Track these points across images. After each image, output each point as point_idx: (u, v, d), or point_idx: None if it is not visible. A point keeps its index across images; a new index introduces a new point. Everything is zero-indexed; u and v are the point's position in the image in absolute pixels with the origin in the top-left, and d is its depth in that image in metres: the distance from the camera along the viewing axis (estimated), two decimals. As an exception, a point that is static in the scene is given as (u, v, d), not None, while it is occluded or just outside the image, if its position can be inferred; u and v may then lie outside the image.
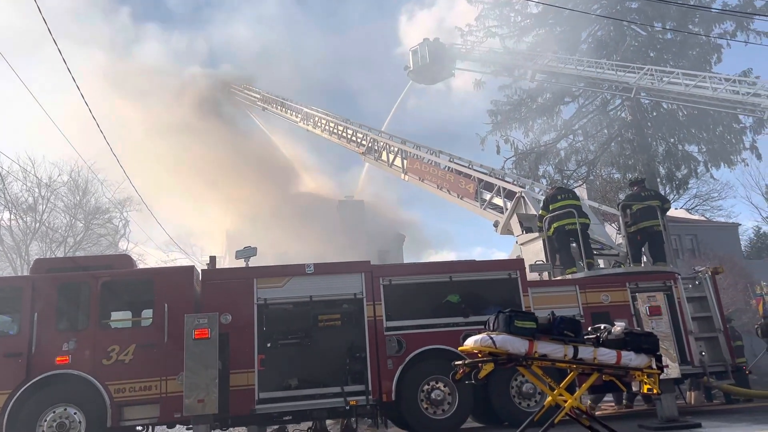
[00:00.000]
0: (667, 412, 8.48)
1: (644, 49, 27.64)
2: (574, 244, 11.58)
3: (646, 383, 6.60)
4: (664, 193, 25.17)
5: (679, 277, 10.86)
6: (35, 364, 8.86)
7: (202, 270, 10.10)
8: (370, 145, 20.82)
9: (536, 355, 6.26)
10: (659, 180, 27.01)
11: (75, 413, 8.77)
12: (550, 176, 29.02)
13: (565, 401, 6.50)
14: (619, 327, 6.66)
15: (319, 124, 24.97)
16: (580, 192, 23.58)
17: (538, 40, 29.84)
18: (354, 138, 22.19)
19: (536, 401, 9.60)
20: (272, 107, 29.28)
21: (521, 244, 13.09)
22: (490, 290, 10.48)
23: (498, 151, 29.97)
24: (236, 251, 10.40)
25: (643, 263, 11.77)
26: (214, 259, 10.52)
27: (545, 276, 11.25)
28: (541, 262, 11.49)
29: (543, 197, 12.87)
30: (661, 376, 6.79)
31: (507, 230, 14.00)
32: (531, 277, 10.83)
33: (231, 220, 32.68)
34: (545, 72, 27.74)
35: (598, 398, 13.15)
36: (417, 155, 18.11)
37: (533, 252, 12.28)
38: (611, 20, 26.45)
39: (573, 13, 26.28)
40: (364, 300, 9.87)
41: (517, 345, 6.17)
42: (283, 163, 32.98)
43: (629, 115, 27.68)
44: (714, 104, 20.75)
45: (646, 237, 11.67)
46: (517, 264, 10.82)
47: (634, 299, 10.06)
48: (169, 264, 27.32)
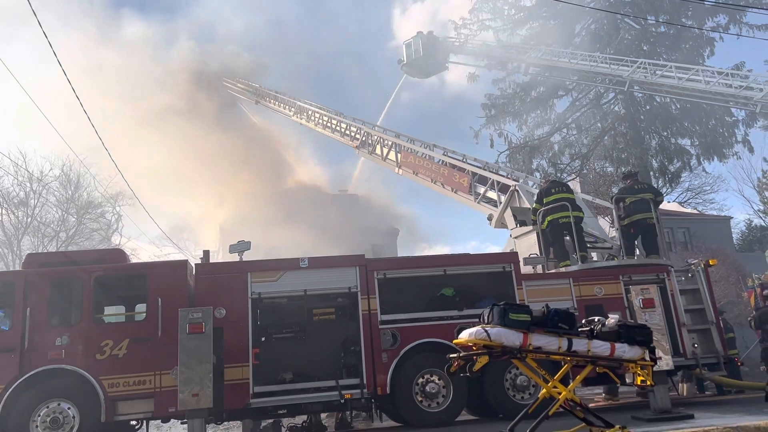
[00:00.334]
0: (660, 404, 8.54)
1: (637, 42, 27.70)
2: (568, 238, 11.60)
3: (639, 375, 6.61)
4: (657, 187, 25.29)
5: (672, 269, 10.90)
6: (28, 360, 8.81)
7: (195, 264, 10.06)
8: (363, 138, 20.77)
9: (531, 348, 6.25)
10: (652, 173, 27.12)
11: (69, 408, 8.73)
12: (543, 170, 29.12)
13: (560, 393, 6.52)
14: (612, 319, 6.67)
15: (312, 117, 24.90)
16: (574, 185, 23.69)
17: (532, 33, 29.87)
18: (348, 132, 22.13)
19: (530, 394, 9.64)
20: (265, 101, 29.18)
21: (515, 238, 13.12)
22: (484, 283, 10.52)
23: (492, 145, 30.07)
24: (230, 245, 10.37)
25: (637, 256, 11.81)
26: (208, 253, 10.49)
27: (539, 269, 11.27)
28: (535, 255, 11.51)
29: (537, 191, 12.89)
30: (654, 368, 6.82)
31: (501, 224, 14.02)
32: (525, 270, 10.85)
33: (224, 215, 32.63)
34: (539, 65, 27.77)
35: (612, 389, 13.19)
36: (411, 149, 18.09)
37: (527, 245, 12.31)
38: (605, 13, 26.48)
39: (567, 6, 26.26)
40: (359, 294, 9.86)
41: (512, 338, 6.16)
42: (276, 157, 32.91)
43: (622, 109, 27.78)
44: (707, 97, 20.83)
45: (640, 230, 11.70)
46: (511, 257, 10.84)
47: (628, 292, 10.09)
48: (162, 258, 27.24)
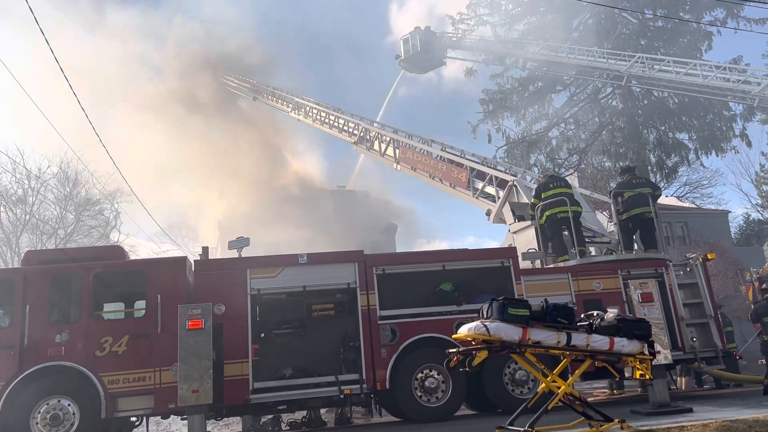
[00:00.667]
0: (659, 398, 8.57)
1: (635, 36, 27.66)
2: (566, 232, 11.62)
3: (638, 369, 6.65)
4: (654, 181, 25.31)
5: (670, 263, 10.93)
6: (28, 356, 8.82)
7: (194, 261, 10.07)
8: (361, 134, 20.74)
9: (530, 342, 6.28)
10: (650, 168, 27.14)
11: (69, 405, 8.74)
12: (541, 165, 29.12)
13: (559, 388, 6.54)
14: (611, 314, 6.70)
15: (310, 113, 24.84)
16: (572, 180, 23.69)
17: (530, 28, 29.83)
18: (345, 128, 22.09)
19: (529, 388, 9.68)
20: (263, 97, 29.08)
21: (513, 233, 13.13)
22: (483, 278, 10.53)
23: (490, 140, 30.06)
24: (229, 241, 10.39)
25: (635, 251, 11.83)
26: (207, 249, 10.49)
27: (538, 264, 11.29)
28: (533, 250, 11.53)
29: (535, 186, 12.90)
30: (652, 362, 6.85)
31: (499, 219, 14.03)
32: (523, 265, 10.87)
33: (223, 211, 32.60)
34: (536, 60, 27.74)
35: (618, 383, 13.20)
36: (409, 144, 18.08)
37: (525, 240, 12.32)
38: (602, 8, 26.44)
39: (564, 1, 26.27)
40: (358, 289, 9.88)
41: (511, 332, 6.19)
42: (274, 154, 32.85)
43: (620, 103, 27.76)
44: (705, 92, 20.83)
45: (638, 224, 11.72)
46: (510, 252, 10.86)
47: (626, 286, 10.11)
48: (161, 255, 27.24)
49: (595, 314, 6.83)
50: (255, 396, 9.25)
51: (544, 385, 6.67)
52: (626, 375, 7.05)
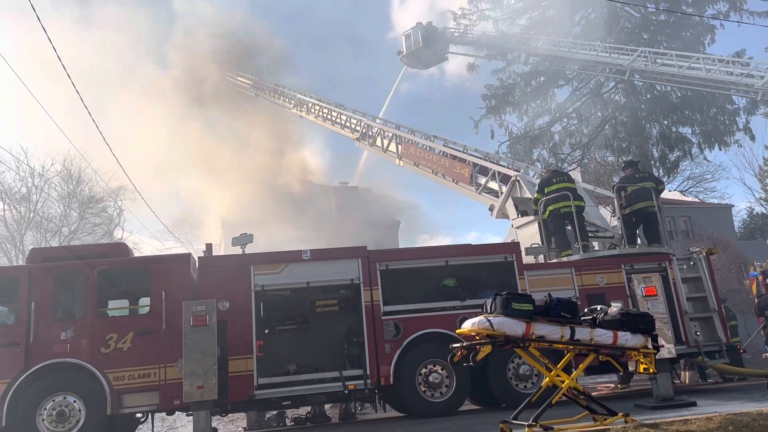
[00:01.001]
0: (663, 392, 8.58)
1: (638, 30, 27.58)
2: (570, 227, 11.61)
3: (642, 363, 6.65)
4: (657, 176, 25.26)
5: (673, 258, 10.92)
6: (34, 354, 8.87)
7: (198, 257, 10.09)
8: (364, 130, 20.71)
9: (533, 337, 6.28)
10: (653, 162, 27.08)
11: (75, 401, 8.79)
12: (544, 160, 29.09)
13: (563, 382, 6.55)
14: (615, 308, 6.70)
15: (312, 110, 24.83)
16: (575, 175, 23.67)
17: (532, 22, 29.76)
18: (348, 124, 22.06)
19: (533, 383, 9.69)
20: (264, 94, 29.10)
21: (517, 228, 13.12)
22: (486, 274, 10.54)
23: (492, 136, 30.03)
24: (233, 238, 10.40)
25: (639, 245, 11.83)
26: (211, 246, 10.51)
27: (541, 259, 11.29)
28: (536, 245, 11.53)
29: (538, 181, 12.89)
30: (656, 356, 6.85)
31: (502, 214, 14.02)
32: (527, 260, 10.87)
33: (226, 208, 32.68)
34: (539, 55, 27.68)
35: (625, 378, 13.22)
36: (411, 140, 18.06)
37: (529, 235, 12.31)
38: (605, 2, 26.36)
39: (566, -5, 26.21)
40: (361, 285, 9.90)
41: (515, 327, 6.19)
42: (277, 150, 32.89)
43: (623, 98, 27.71)
44: (708, 85, 20.77)
45: (641, 219, 11.71)
46: (513, 247, 10.87)
47: (630, 281, 10.14)
48: (165, 252, 27.29)
49: (598, 308, 6.83)
50: (259, 392, 9.28)
51: (548, 379, 6.68)
52: (630, 369, 7.05)
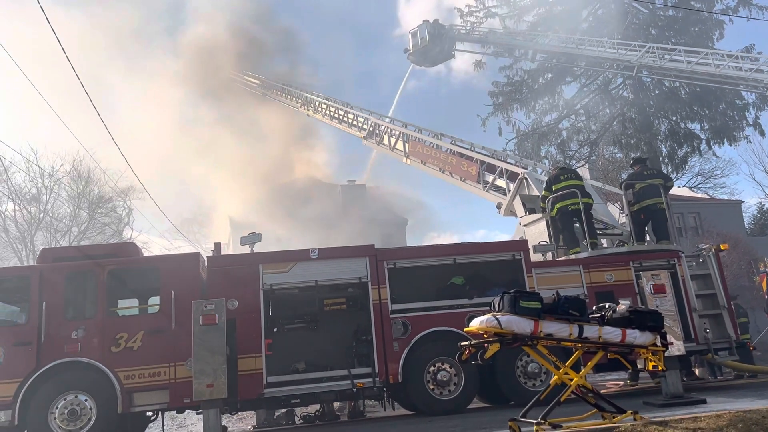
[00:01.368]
0: (672, 389, 8.56)
1: (646, 26, 27.41)
2: (578, 224, 11.59)
3: (651, 360, 6.64)
4: (666, 172, 25.13)
5: (682, 255, 10.87)
6: (45, 353, 8.95)
7: (207, 257, 10.14)
8: (371, 129, 20.72)
9: (541, 335, 6.28)
10: (661, 158, 26.93)
11: (86, 400, 8.86)
12: (552, 157, 28.99)
13: (571, 380, 6.55)
14: (623, 305, 6.69)
15: (319, 109, 24.87)
16: (583, 172, 23.58)
17: (539, 19, 29.63)
18: (355, 122, 22.08)
19: (542, 380, 9.69)
20: (272, 93, 29.16)
21: (524, 225, 13.11)
22: (494, 272, 10.54)
23: (500, 133, 29.93)
24: (241, 237, 10.45)
25: (647, 242, 11.79)
26: (219, 245, 10.56)
27: (549, 256, 11.28)
28: (544, 243, 11.51)
29: (546, 178, 12.86)
30: (665, 353, 6.83)
31: (510, 212, 14.01)
32: (535, 257, 10.86)
33: (234, 207, 32.81)
34: (546, 52, 27.58)
35: (634, 375, 13.18)
36: (418, 138, 18.06)
37: (537, 233, 12.30)
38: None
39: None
40: (369, 283, 9.91)
41: (523, 325, 6.20)
42: (285, 149, 32.97)
43: (631, 94, 27.56)
44: (716, 81, 20.62)
45: (650, 215, 11.66)
46: (521, 245, 10.86)
47: (638, 278, 10.10)
48: (174, 252, 27.46)
49: (606, 306, 6.82)
50: (268, 390, 9.31)
51: (556, 377, 6.67)
52: (638, 366, 7.04)
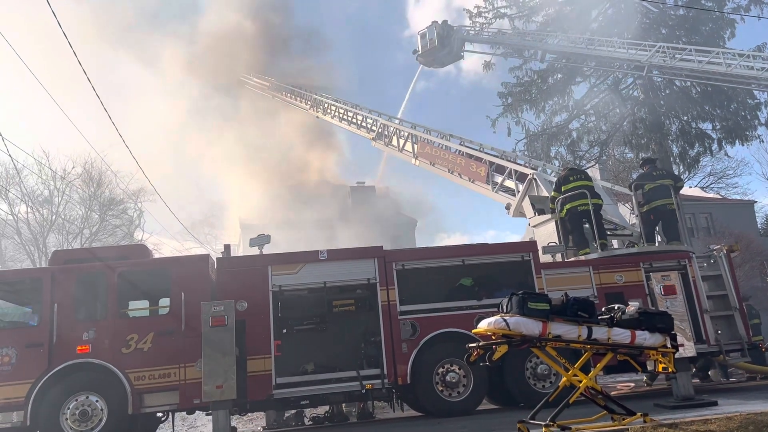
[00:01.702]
0: (683, 391, 8.50)
1: (656, 26, 27.23)
2: (587, 225, 11.53)
3: (661, 362, 6.61)
4: (678, 173, 24.97)
5: (693, 255, 10.79)
6: (57, 354, 9.03)
7: (217, 258, 10.20)
8: (380, 130, 20.73)
9: (550, 337, 6.27)
10: (672, 159, 26.74)
11: (97, 401, 8.94)
12: (562, 157, 28.84)
13: (580, 381, 6.53)
14: (633, 307, 6.66)
15: (328, 110, 24.93)
16: (593, 172, 23.49)
17: (548, 19, 29.51)
18: (364, 124, 22.11)
19: (551, 382, 9.65)
20: (282, 95, 29.27)
21: (534, 226, 13.06)
22: (503, 273, 10.51)
23: (509, 134, 29.80)
24: (250, 239, 10.51)
25: (658, 243, 11.71)
26: (229, 247, 10.62)
27: (558, 257, 11.24)
28: (553, 244, 11.47)
29: (555, 179, 12.82)
30: (675, 355, 6.79)
31: (519, 213, 13.96)
32: (544, 258, 10.82)
33: (245, 209, 32.96)
34: (555, 52, 27.47)
35: (654, 376, 13.09)
36: (427, 139, 18.04)
37: (546, 234, 12.25)
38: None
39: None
40: (378, 285, 9.93)
41: (531, 326, 6.19)
42: (294, 151, 33.09)
43: (641, 94, 27.37)
44: (728, 80, 20.44)
45: (660, 216, 11.60)
46: (530, 246, 10.83)
47: (649, 279, 10.04)
48: (184, 253, 27.61)
49: (616, 307, 6.79)
50: (278, 391, 9.35)
51: (565, 379, 6.66)
52: (648, 368, 7.00)
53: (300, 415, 12.03)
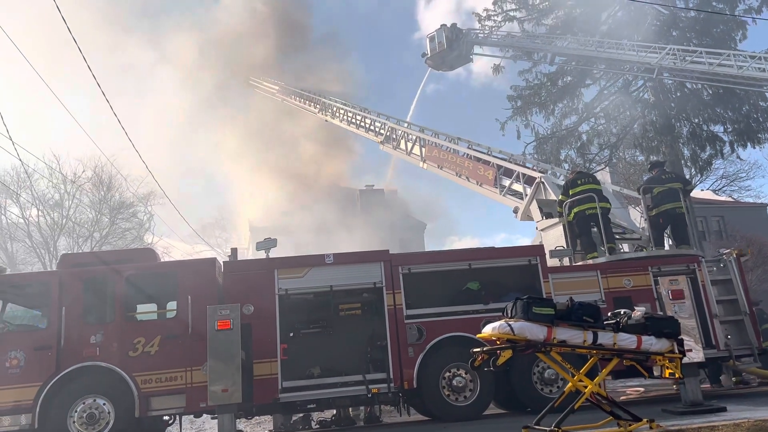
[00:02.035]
0: (692, 397, 8.42)
1: (666, 28, 27.05)
2: (595, 229, 11.47)
3: (667, 368, 6.55)
4: (689, 176, 24.78)
5: (702, 259, 10.70)
6: (65, 357, 9.09)
7: (224, 262, 10.23)
8: (388, 134, 20.74)
9: (555, 342, 6.24)
10: (683, 162, 26.54)
11: (104, 404, 8.98)
12: (572, 160, 28.69)
13: (585, 387, 6.48)
14: (639, 312, 6.61)
15: (337, 114, 25.00)
16: (603, 175, 23.37)
17: (558, 22, 29.41)
18: (372, 127, 22.15)
19: (558, 387, 9.57)
20: (291, 99, 29.37)
21: (541, 230, 13.01)
22: (510, 277, 10.47)
23: (518, 137, 29.71)
24: (257, 243, 10.53)
25: (669, 246, 11.63)
26: (236, 250, 10.67)
27: (566, 261, 11.17)
28: (561, 248, 11.41)
29: (563, 182, 12.76)
30: (683, 360, 6.73)
31: (527, 216, 13.92)
32: (551, 262, 10.76)
33: (254, 212, 33.09)
34: (565, 55, 27.37)
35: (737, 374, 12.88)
36: (435, 143, 18.03)
37: (554, 237, 12.20)
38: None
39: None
40: (384, 289, 9.92)
41: (536, 331, 6.16)
42: (305, 153, 33.18)
43: (652, 96, 27.20)
44: (739, 82, 20.28)
45: (669, 220, 11.52)
46: (537, 250, 10.77)
47: (657, 283, 9.97)
48: (195, 256, 27.74)
49: (622, 312, 6.75)
50: (284, 395, 9.36)
51: (570, 384, 6.62)
52: (655, 374, 6.95)
53: (307, 419, 12.03)
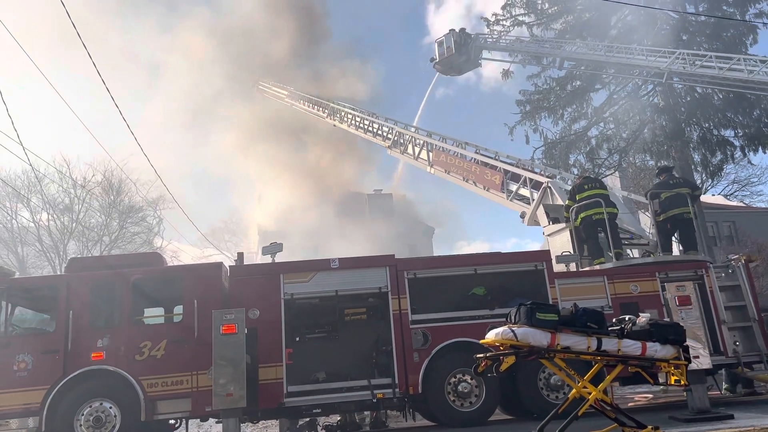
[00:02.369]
0: (698, 404, 8.35)
1: (676, 32, 26.92)
2: (602, 234, 11.41)
3: (673, 375, 6.50)
4: (699, 181, 24.61)
5: (710, 265, 10.62)
6: (72, 361, 9.16)
7: (230, 266, 10.27)
8: (395, 138, 20.78)
9: (559, 348, 6.20)
10: (694, 167, 26.37)
11: (111, 407, 9.04)
12: (581, 165, 28.57)
13: (590, 393, 6.44)
14: (643, 318, 6.55)
15: (345, 118, 25.06)
16: (612, 180, 23.26)
17: (567, 27, 29.35)
18: (380, 132, 22.21)
19: (564, 393, 9.52)
20: (299, 104, 29.48)
21: (548, 235, 12.97)
22: (516, 282, 10.43)
23: (527, 141, 29.63)
24: (263, 247, 10.57)
25: (679, 252, 11.55)
26: (242, 255, 10.69)
27: (573, 267, 11.12)
28: (568, 253, 11.36)
29: (570, 187, 12.72)
30: (690, 367, 6.67)
31: (534, 221, 13.88)
32: (558, 268, 10.72)
33: (263, 216, 33.20)
34: (574, 59, 27.30)
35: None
36: (442, 147, 18.04)
37: (560, 243, 12.15)
38: (642, 3, 25.83)
39: (602, -2, 25.74)
40: (389, 294, 9.91)
41: (539, 337, 6.13)
42: (314, 158, 33.27)
43: (661, 101, 27.06)
44: (750, 87, 20.13)
45: (676, 225, 11.45)
46: (544, 255, 10.74)
47: (664, 289, 9.90)
48: (204, 260, 27.88)
49: (626, 318, 6.70)
50: (289, 399, 9.37)
51: (574, 391, 6.58)
52: (660, 380, 6.90)
53: (313, 424, 12.01)
